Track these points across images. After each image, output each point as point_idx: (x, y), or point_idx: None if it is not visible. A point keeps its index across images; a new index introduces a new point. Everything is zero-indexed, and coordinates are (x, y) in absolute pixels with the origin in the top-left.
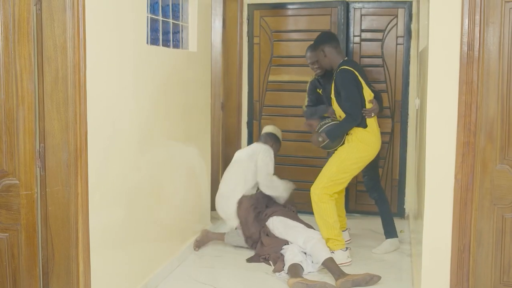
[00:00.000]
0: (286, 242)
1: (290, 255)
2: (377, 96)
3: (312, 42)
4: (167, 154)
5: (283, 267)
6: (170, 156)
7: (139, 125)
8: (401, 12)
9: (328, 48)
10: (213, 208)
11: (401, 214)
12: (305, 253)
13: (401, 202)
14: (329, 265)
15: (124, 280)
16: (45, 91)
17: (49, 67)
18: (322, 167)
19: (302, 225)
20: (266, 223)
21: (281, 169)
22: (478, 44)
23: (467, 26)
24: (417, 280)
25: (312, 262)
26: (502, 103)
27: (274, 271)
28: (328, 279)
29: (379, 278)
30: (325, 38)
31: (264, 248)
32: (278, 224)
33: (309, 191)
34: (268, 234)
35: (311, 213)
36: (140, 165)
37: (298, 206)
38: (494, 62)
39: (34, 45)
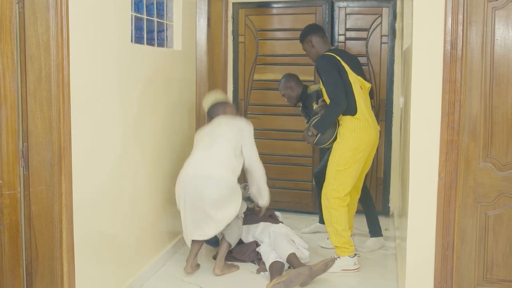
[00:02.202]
0: (256, 243)
1: (265, 256)
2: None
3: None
4: (152, 152)
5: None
6: (155, 155)
7: (123, 124)
8: (385, 11)
9: (315, 38)
10: None
11: (386, 212)
12: None
13: (386, 200)
14: (291, 261)
15: (109, 280)
16: (28, 90)
17: (32, 66)
18: (308, 166)
19: (262, 223)
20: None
21: (266, 168)
22: (461, 43)
23: (450, 26)
24: (401, 277)
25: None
26: (485, 101)
27: (258, 271)
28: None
29: (333, 262)
30: (311, 29)
31: (239, 255)
32: (244, 233)
33: (296, 190)
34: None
35: (298, 211)
36: (125, 164)
37: (284, 205)
38: (477, 61)
39: (16, 43)
